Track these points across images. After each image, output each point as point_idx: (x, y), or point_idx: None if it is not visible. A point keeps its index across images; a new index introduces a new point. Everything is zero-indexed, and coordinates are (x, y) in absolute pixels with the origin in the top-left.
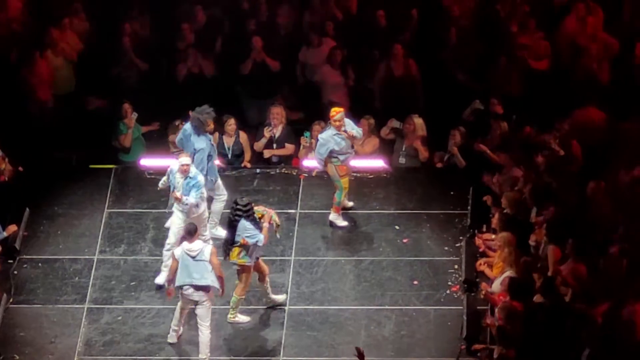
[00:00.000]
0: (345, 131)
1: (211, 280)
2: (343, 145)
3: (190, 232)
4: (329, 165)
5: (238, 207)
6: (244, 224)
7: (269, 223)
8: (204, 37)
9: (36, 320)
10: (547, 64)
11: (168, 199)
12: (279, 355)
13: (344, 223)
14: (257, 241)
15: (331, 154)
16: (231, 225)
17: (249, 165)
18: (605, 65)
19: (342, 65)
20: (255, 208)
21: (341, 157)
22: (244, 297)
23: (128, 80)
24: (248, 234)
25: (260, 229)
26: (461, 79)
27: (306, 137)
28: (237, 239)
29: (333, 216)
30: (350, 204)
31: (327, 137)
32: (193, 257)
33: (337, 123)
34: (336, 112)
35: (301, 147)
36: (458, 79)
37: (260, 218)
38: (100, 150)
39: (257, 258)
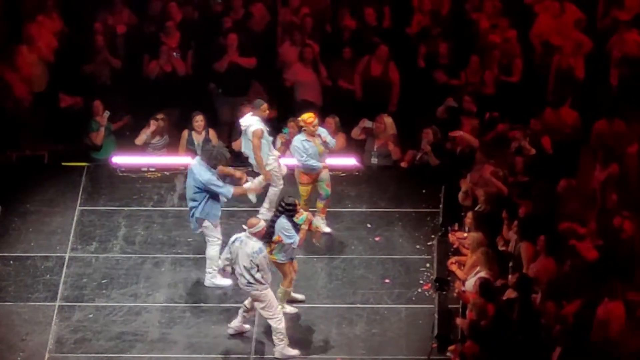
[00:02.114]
0: (319, 135)
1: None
2: (310, 153)
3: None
4: (296, 169)
5: (281, 204)
6: (282, 222)
7: (309, 229)
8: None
9: (7, 317)
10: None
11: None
12: (249, 353)
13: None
14: (292, 242)
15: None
16: (272, 220)
17: None
18: (580, 63)
19: (314, 63)
20: (302, 212)
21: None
22: (290, 289)
23: (100, 78)
24: (286, 233)
25: (298, 230)
26: (435, 77)
27: (284, 133)
28: (274, 235)
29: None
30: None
31: (297, 143)
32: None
33: (314, 128)
34: (312, 118)
35: (279, 143)
36: (431, 77)
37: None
38: (72, 148)
39: (292, 259)
